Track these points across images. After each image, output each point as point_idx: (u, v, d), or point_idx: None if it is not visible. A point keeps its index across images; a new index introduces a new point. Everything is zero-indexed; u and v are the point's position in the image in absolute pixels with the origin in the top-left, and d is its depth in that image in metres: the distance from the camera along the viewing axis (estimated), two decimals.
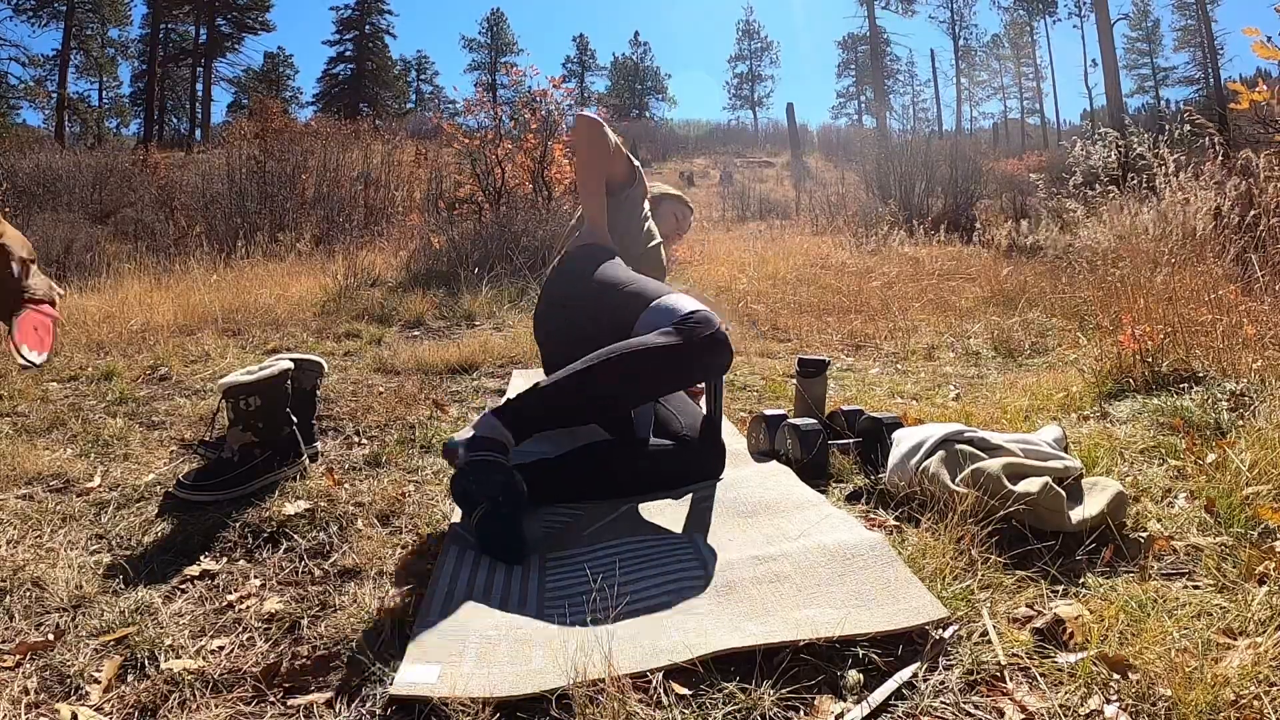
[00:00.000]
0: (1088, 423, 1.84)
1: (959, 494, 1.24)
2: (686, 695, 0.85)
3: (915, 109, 39.09)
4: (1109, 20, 24.01)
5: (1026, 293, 3.88)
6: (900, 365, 2.89)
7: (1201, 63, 30.74)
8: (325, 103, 34.04)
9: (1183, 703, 0.77)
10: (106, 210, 10.45)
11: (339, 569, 1.21)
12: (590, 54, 41.26)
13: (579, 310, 1.63)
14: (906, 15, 36.41)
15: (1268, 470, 1.30)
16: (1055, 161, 10.78)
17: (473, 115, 7.71)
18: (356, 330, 3.55)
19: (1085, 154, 3.29)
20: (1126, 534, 1.19)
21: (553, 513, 1.39)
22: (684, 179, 17.36)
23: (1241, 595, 0.98)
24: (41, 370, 1.89)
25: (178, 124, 31.96)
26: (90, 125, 28.88)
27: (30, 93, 27.64)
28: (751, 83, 40.58)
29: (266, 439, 1.60)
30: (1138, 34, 33.61)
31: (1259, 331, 2.03)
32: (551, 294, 1.76)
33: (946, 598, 1.00)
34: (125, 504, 1.52)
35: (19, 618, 1.07)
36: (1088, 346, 2.58)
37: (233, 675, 0.93)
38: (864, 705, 0.82)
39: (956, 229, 7.68)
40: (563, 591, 1.11)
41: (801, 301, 4.28)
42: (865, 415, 1.68)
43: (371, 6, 35.43)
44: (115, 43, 30.65)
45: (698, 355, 1.40)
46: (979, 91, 38.64)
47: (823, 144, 25.41)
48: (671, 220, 2.34)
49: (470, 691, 0.84)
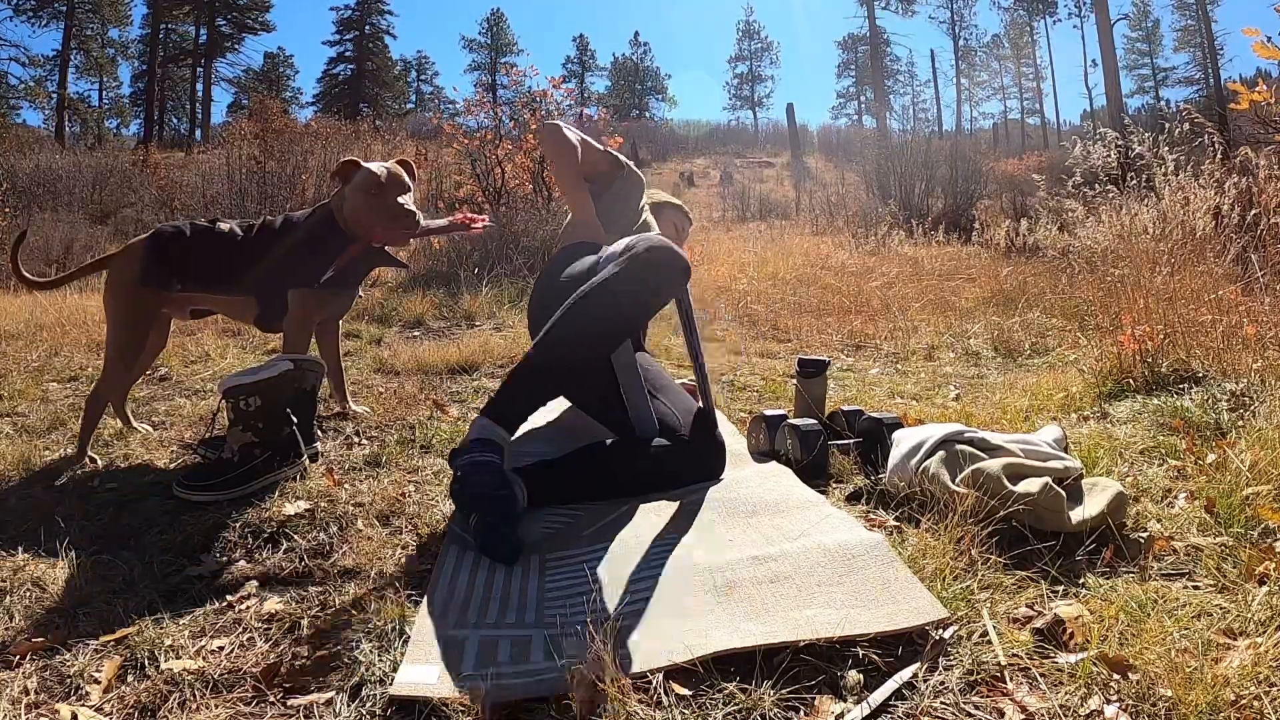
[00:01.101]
0: (1088, 423, 1.84)
1: (959, 494, 1.24)
2: (686, 695, 0.85)
3: (915, 109, 39.15)
4: (1109, 20, 24.02)
5: (1026, 293, 3.88)
6: (900, 365, 2.89)
7: (1201, 63, 30.76)
8: (325, 103, 34.07)
9: (1183, 703, 0.77)
10: (106, 210, 10.46)
11: (339, 569, 1.21)
12: (590, 54, 41.29)
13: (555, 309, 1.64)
14: (906, 15, 36.45)
15: (1268, 470, 1.30)
16: (1055, 162, 10.78)
17: (473, 115, 7.71)
18: (356, 330, 3.55)
19: (1085, 154, 3.29)
20: (1126, 534, 1.19)
21: (553, 513, 1.39)
22: (684, 179, 17.34)
23: (1241, 595, 0.98)
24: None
25: (178, 124, 32.00)
26: (90, 125, 28.90)
27: (30, 93, 27.67)
28: (751, 83, 40.60)
29: (266, 439, 1.60)
30: (1138, 34, 33.64)
31: (1259, 331, 2.03)
32: (543, 292, 1.78)
33: (946, 598, 1.00)
34: (125, 504, 1.52)
35: (19, 618, 1.07)
36: (1087, 347, 2.58)
37: (233, 675, 0.93)
38: (864, 705, 0.82)
39: (956, 229, 7.68)
40: (563, 591, 1.11)
41: (801, 302, 4.28)
42: (865, 415, 1.67)
43: (371, 7, 35.44)
44: (115, 43, 30.68)
45: (651, 271, 1.38)
46: (979, 92, 38.68)
47: (823, 144, 25.41)
48: (671, 229, 2.35)
49: (470, 692, 0.84)
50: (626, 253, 1.41)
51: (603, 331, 1.41)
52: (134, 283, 1.87)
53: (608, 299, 1.37)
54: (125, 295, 1.88)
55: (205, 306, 1.99)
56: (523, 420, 1.37)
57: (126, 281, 1.87)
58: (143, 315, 1.91)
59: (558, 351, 1.38)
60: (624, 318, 1.42)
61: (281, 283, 1.91)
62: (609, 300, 1.37)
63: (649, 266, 1.37)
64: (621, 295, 1.38)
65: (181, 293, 1.91)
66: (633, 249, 1.41)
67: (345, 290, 2.02)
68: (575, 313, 1.37)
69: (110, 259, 1.93)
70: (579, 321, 1.36)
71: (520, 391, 1.38)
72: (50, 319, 3.67)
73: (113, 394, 1.96)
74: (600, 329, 1.40)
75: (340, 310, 2.10)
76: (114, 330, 1.91)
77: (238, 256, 1.90)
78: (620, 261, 1.39)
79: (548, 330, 1.38)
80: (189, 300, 1.95)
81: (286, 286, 1.91)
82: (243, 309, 1.97)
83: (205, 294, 1.94)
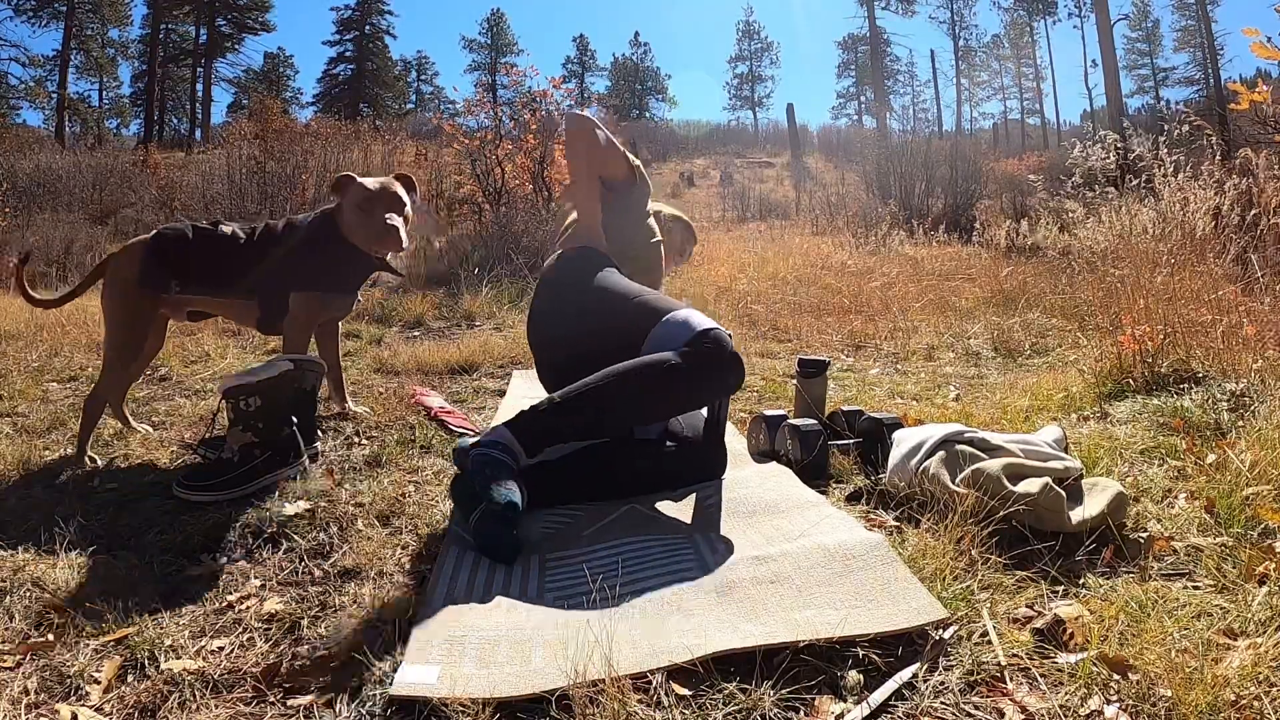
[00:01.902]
0: (1088, 423, 1.84)
1: (959, 494, 1.24)
2: (686, 696, 0.85)
3: (915, 109, 39.08)
4: (1109, 21, 24.01)
5: (1026, 293, 3.88)
6: (900, 365, 2.88)
7: (1201, 63, 30.74)
8: (325, 103, 34.05)
9: (1183, 703, 0.77)
10: (107, 211, 10.45)
11: (339, 569, 1.21)
12: (590, 54, 41.27)
13: (580, 320, 1.62)
14: (906, 16, 36.41)
15: (1268, 470, 1.30)
16: (1055, 162, 10.79)
17: (473, 116, 7.72)
18: (356, 330, 3.55)
19: (1085, 155, 3.29)
20: (1126, 534, 1.19)
21: (553, 513, 1.39)
22: (684, 179, 17.34)
23: (1241, 596, 0.98)
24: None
25: (178, 124, 31.96)
26: (90, 125, 28.87)
27: (30, 93, 27.64)
28: (752, 83, 40.57)
29: (266, 439, 1.60)
30: (1138, 34, 33.62)
31: (1259, 332, 2.03)
32: (548, 299, 1.74)
33: (946, 598, 1.00)
34: (125, 504, 1.52)
35: (19, 618, 1.07)
36: (1087, 347, 2.58)
37: (233, 675, 0.93)
38: (864, 706, 0.82)
39: (956, 229, 7.68)
40: (563, 592, 1.11)
41: (801, 302, 4.28)
42: (865, 416, 1.67)
43: (372, 7, 35.43)
44: (115, 43, 30.66)
45: (712, 376, 1.40)
46: (979, 92, 38.63)
47: (823, 144, 25.38)
48: (676, 243, 2.33)
49: (470, 692, 0.84)
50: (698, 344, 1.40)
51: (656, 411, 1.45)
52: (132, 283, 1.86)
53: (667, 384, 1.38)
54: (123, 296, 1.88)
55: (204, 309, 1.99)
56: (541, 450, 1.36)
57: (125, 282, 1.87)
58: (140, 316, 1.91)
59: (604, 408, 1.38)
60: (676, 405, 1.46)
61: (283, 285, 1.92)
62: (668, 387, 1.38)
63: (717, 371, 1.40)
64: (678, 392, 1.40)
65: (180, 294, 1.91)
66: (703, 342, 1.40)
67: (345, 293, 2.03)
68: (634, 383, 1.37)
69: (109, 260, 1.92)
70: (635, 391, 1.37)
71: (554, 424, 1.36)
72: (50, 319, 3.67)
73: (111, 394, 1.96)
74: (654, 409, 1.43)
75: (341, 312, 2.10)
76: (111, 331, 1.91)
77: (239, 259, 1.90)
78: (688, 354, 1.39)
79: (604, 386, 1.37)
80: (188, 302, 1.95)
81: (288, 289, 1.92)
82: (244, 312, 1.98)
83: (205, 296, 1.94)
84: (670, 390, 1.39)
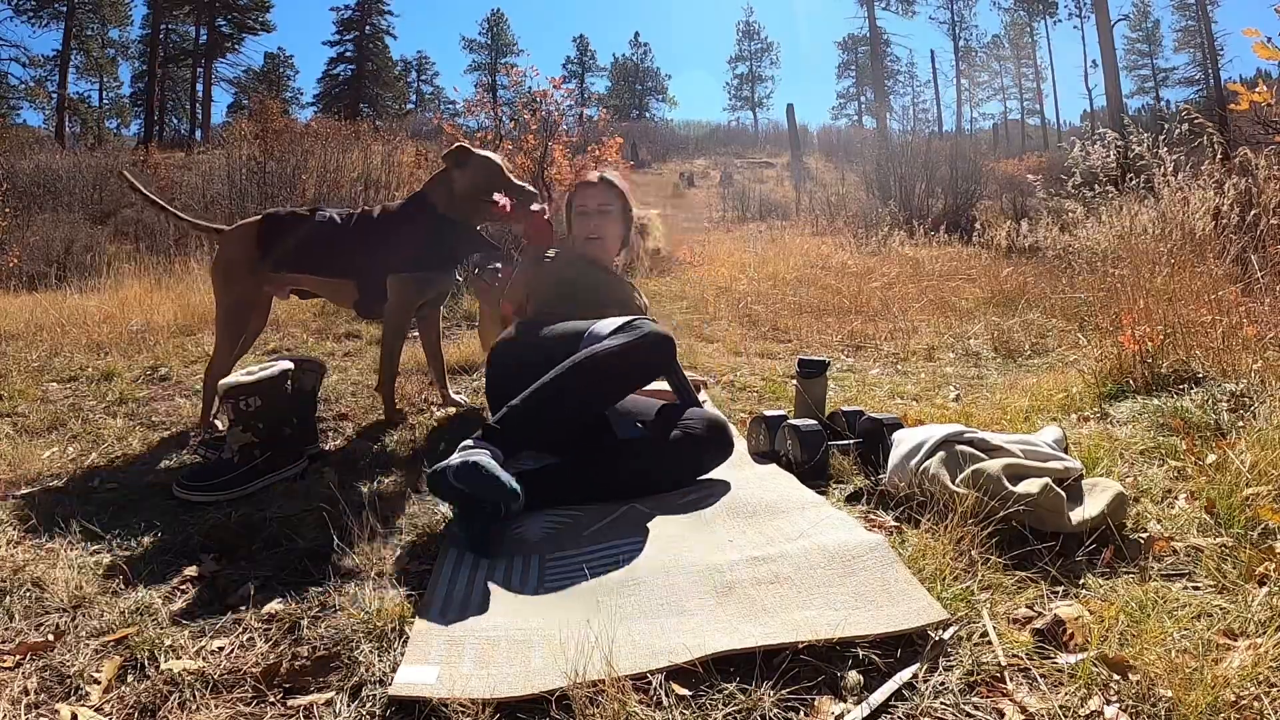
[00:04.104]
0: (1088, 423, 1.84)
1: (959, 495, 1.24)
2: (686, 696, 0.85)
3: (915, 110, 39.07)
4: (1109, 21, 24.00)
5: (1026, 293, 3.88)
6: (900, 366, 2.89)
7: (1201, 63, 30.74)
8: (325, 103, 34.03)
9: (1183, 703, 0.77)
10: (106, 211, 10.46)
11: (339, 569, 1.21)
12: (590, 54, 41.25)
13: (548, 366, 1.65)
14: (906, 16, 36.41)
15: (1268, 471, 1.29)
16: (1055, 162, 10.78)
17: (473, 116, 7.72)
18: (356, 331, 3.55)
19: (1084, 154, 3.29)
20: (1126, 535, 1.19)
21: (553, 513, 1.39)
22: (684, 180, 17.34)
23: (1241, 596, 0.98)
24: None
25: (178, 124, 31.95)
26: (90, 126, 28.86)
27: (30, 93, 27.63)
28: (752, 83, 40.57)
29: (266, 439, 1.60)
30: (1138, 35, 33.61)
31: (1259, 332, 2.03)
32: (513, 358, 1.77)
33: (946, 599, 1.00)
34: (125, 504, 1.52)
35: (19, 618, 1.07)
36: (1088, 347, 2.58)
37: (233, 675, 0.93)
38: (864, 706, 0.82)
39: (956, 229, 7.68)
40: (563, 592, 1.11)
41: (802, 302, 4.28)
42: (865, 416, 1.67)
43: (372, 7, 35.41)
44: (115, 43, 30.65)
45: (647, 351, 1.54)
46: (979, 92, 38.64)
47: (823, 145, 25.40)
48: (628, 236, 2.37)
49: (470, 692, 0.84)
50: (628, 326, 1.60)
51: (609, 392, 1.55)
52: (241, 262, 1.96)
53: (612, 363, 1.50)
54: (233, 274, 1.98)
55: (306, 288, 2.09)
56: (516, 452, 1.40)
57: (235, 261, 1.97)
58: (247, 294, 2.00)
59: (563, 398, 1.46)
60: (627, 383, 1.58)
61: (382, 268, 1.99)
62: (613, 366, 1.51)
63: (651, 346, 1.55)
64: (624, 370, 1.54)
65: (288, 274, 2.00)
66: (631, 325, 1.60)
67: (442, 275, 2.10)
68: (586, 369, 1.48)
69: (220, 235, 2.03)
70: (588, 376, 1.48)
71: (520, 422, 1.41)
72: (50, 319, 3.67)
73: (221, 371, 2.00)
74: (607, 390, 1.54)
75: (439, 295, 2.18)
76: (220, 309, 2.01)
77: (339, 243, 1.99)
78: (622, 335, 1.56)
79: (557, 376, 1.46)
80: (292, 281, 2.04)
81: (386, 271, 1.99)
82: (343, 292, 2.06)
83: (309, 276, 2.03)
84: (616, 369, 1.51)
